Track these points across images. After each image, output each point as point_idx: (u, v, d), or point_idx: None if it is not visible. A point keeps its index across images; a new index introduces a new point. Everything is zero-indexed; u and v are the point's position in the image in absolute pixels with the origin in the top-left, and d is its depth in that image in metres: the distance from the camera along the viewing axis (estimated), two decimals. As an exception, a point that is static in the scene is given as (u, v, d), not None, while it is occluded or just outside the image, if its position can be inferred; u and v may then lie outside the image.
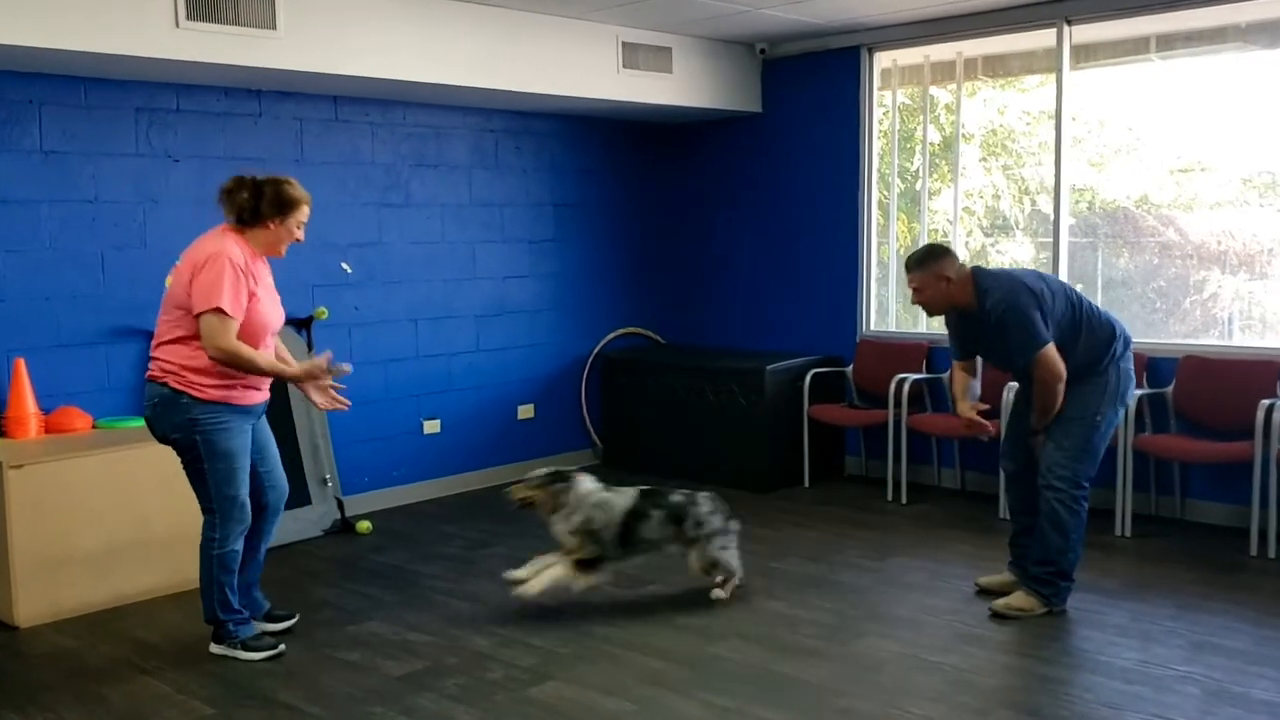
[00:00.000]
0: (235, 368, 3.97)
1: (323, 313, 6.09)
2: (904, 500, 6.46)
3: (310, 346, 6.06)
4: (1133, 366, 4.54)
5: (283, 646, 4.26)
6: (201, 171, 5.71)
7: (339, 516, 6.08)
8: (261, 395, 4.23)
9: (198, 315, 3.92)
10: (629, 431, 7.54)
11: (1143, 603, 4.68)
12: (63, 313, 5.29)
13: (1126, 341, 4.50)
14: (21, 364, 5.05)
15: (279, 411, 5.88)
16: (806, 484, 6.94)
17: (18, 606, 4.62)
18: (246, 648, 4.21)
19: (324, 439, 6.09)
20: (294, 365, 4.23)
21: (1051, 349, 4.31)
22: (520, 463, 7.23)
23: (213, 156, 5.74)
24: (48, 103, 5.19)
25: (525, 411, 7.31)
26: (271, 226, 4.09)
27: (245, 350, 3.96)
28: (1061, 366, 4.33)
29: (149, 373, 4.11)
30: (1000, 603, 4.56)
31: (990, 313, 4.35)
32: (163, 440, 4.17)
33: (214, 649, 4.25)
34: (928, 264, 4.45)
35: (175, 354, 4.03)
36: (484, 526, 6.11)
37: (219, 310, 3.89)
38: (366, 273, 6.41)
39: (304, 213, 4.15)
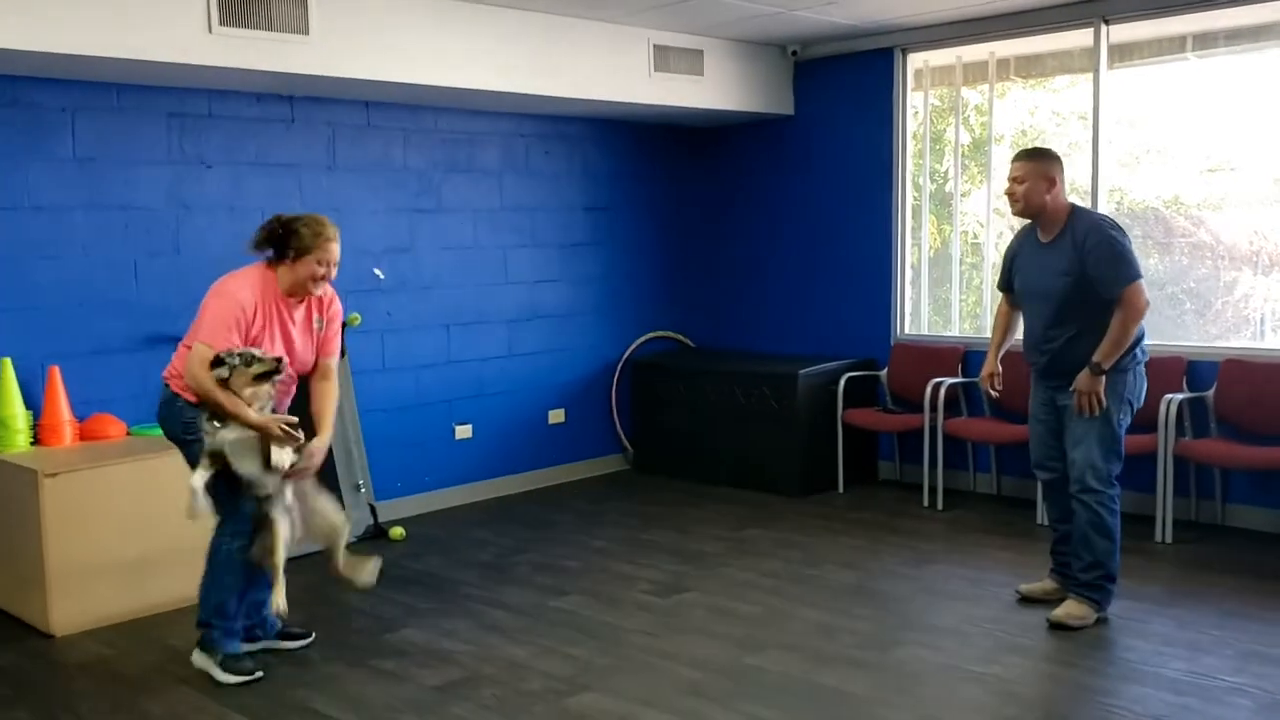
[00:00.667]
0: (200, 398, 3.94)
1: (356, 319, 6.08)
2: (940, 506, 6.39)
3: (343, 353, 6.03)
4: (1144, 375, 4.50)
5: (260, 674, 4.13)
6: (234, 178, 5.71)
7: (372, 522, 6.06)
8: None
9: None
10: (660, 436, 7.49)
11: (1187, 611, 4.61)
12: (96, 320, 5.29)
13: (1144, 349, 4.47)
14: (56, 371, 5.05)
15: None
16: (840, 489, 6.88)
17: (53, 614, 4.62)
18: (225, 667, 4.10)
19: (357, 444, 6.08)
20: (253, 415, 3.95)
21: (1143, 283, 4.30)
22: (551, 468, 7.24)
23: (244, 162, 5.74)
24: (80, 109, 5.20)
25: (556, 416, 7.28)
26: (288, 264, 4.04)
27: (209, 384, 3.88)
28: (1147, 302, 4.33)
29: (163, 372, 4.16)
30: (1059, 612, 4.46)
31: (1084, 238, 4.30)
32: (169, 439, 4.18)
33: (195, 659, 4.17)
34: (1039, 159, 4.41)
35: (180, 358, 4.05)
36: (517, 533, 6.09)
37: (200, 343, 3.90)
38: (399, 279, 6.40)
39: (329, 252, 4.05)
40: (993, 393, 4.83)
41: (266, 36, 5.02)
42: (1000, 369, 4.79)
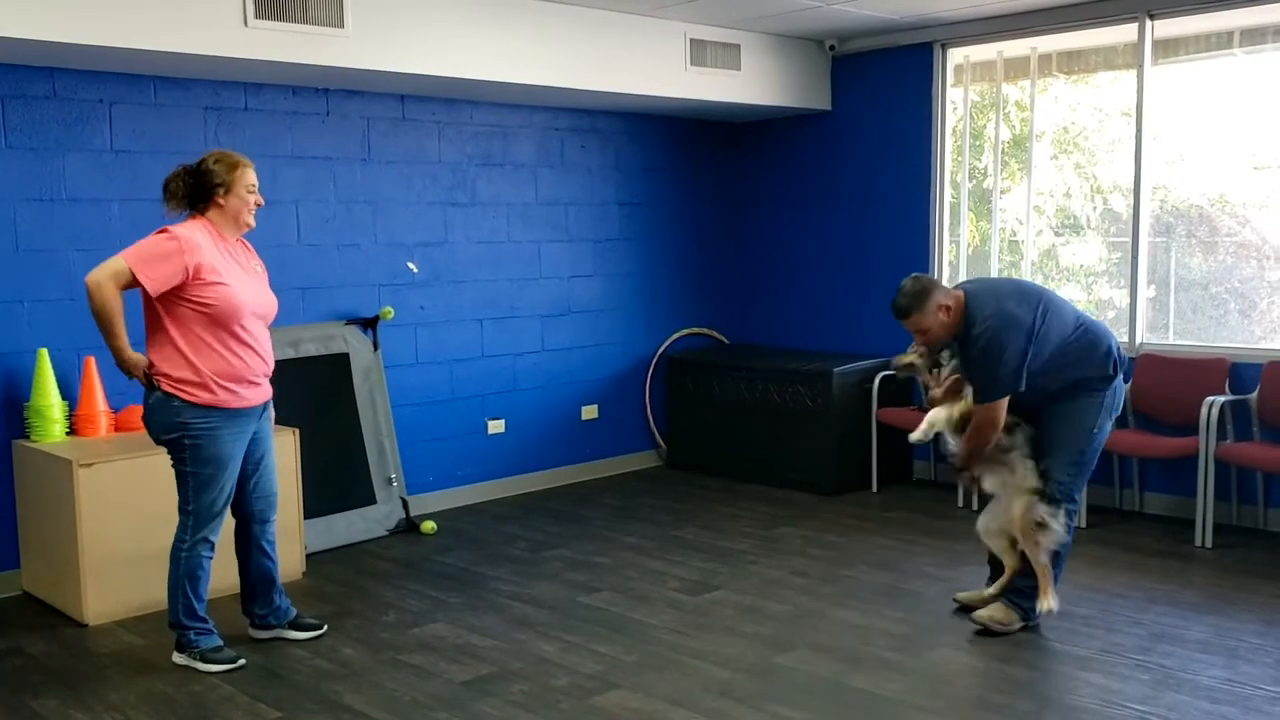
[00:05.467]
0: (92, 306, 3.88)
1: (389, 312, 6.09)
2: (974, 507, 6.30)
3: (376, 346, 6.06)
4: (1122, 383, 4.40)
5: (243, 661, 4.17)
6: (270, 171, 5.70)
7: (404, 516, 6.07)
8: (258, 394, 4.14)
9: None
10: (693, 433, 7.46)
11: (1226, 618, 4.52)
12: (133, 311, 5.27)
13: (1119, 362, 4.34)
14: (92, 362, 5.09)
15: (344, 410, 5.90)
16: (874, 489, 6.82)
17: (86, 603, 4.66)
18: (205, 659, 4.14)
19: (389, 438, 6.08)
20: (128, 351, 3.98)
21: (1003, 405, 4.17)
22: (584, 463, 7.22)
23: (281, 155, 5.75)
24: (118, 102, 5.23)
25: (589, 412, 7.26)
26: (222, 201, 4.03)
27: (109, 293, 3.85)
28: (1000, 427, 4.21)
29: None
30: (982, 614, 4.41)
31: (975, 340, 4.17)
32: (156, 441, 4.11)
33: (176, 658, 4.20)
34: (924, 302, 4.19)
35: (159, 357, 4.01)
36: (548, 528, 6.08)
37: (122, 258, 3.88)
38: (432, 272, 6.40)
39: (248, 176, 4.06)
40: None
41: (302, 30, 5.03)
42: None
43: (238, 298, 3.98)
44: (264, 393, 4.18)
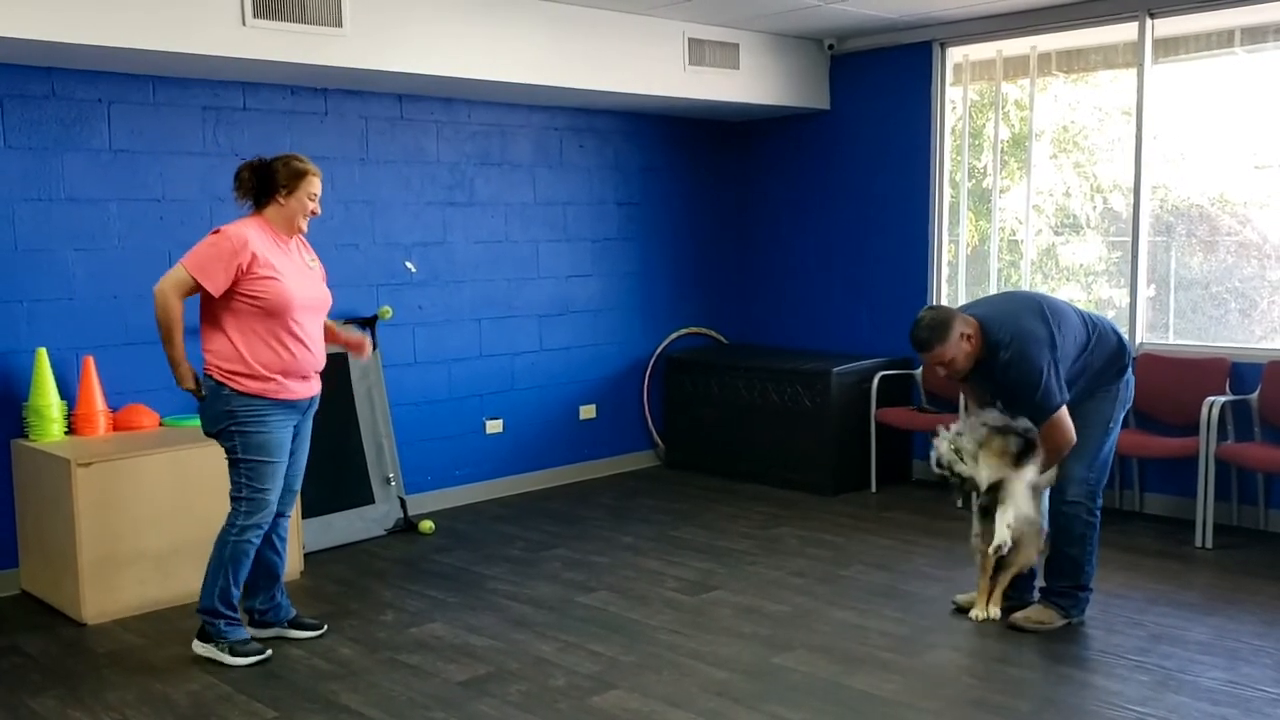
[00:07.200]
0: (156, 314, 4.01)
1: (387, 312, 6.08)
2: (973, 507, 6.29)
3: (374, 346, 6.05)
4: (1132, 374, 4.43)
5: (269, 652, 4.19)
6: (267, 170, 5.72)
7: (402, 516, 6.06)
8: (307, 388, 4.23)
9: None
10: (692, 433, 7.45)
11: (1226, 618, 4.51)
12: (131, 311, 5.31)
13: (1130, 355, 4.38)
14: (90, 362, 5.08)
15: (342, 409, 5.89)
16: (873, 488, 6.82)
17: (85, 602, 4.65)
18: (234, 652, 4.15)
19: (387, 438, 6.08)
20: (183, 362, 4.10)
21: (1064, 413, 4.16)
22: (582, 463, 7.21)
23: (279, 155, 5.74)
24: (116, 101, 5.22)
25: (587, 412, 7.26)
26: (282, 201, 4.13)
27: (173, 303, 3.99)
28: (1073, 433, 4.20)
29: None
30: (1019, 615, 4.43)
31: (1007, 366, 4.15)
32: (207, 434, 4.19)
33: (197, 648, 4.21)
34: (946, 332, 4.13)
35: (211, 346, 4.09)
36: (546, 528, 6.07)
37: (183, 265, 3.99)
38: (430, 272, 6.39)
39: (313, 184, 4.16)
40: None
41: (300, 29, 5.02)
42: None
43: (289, 291, 4.08)
44: (312, 387, 4.28)
